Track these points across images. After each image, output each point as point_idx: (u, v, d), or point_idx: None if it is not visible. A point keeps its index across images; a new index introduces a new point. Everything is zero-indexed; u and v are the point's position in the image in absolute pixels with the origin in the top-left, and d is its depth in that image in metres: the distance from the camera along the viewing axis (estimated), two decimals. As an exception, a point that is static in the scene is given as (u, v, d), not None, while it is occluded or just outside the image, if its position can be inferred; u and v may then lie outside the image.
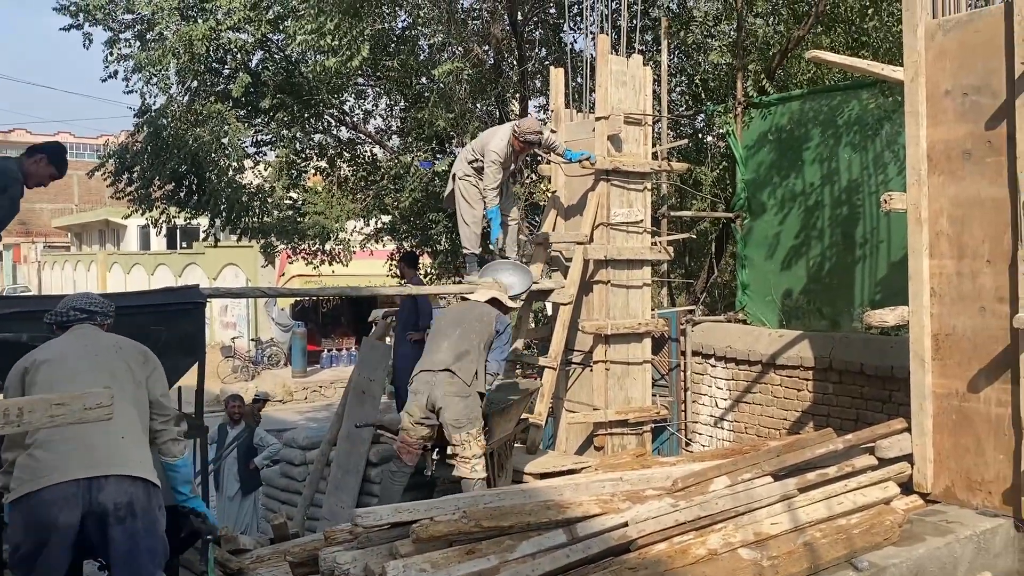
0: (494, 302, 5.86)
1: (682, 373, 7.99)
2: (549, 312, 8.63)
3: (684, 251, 10.50)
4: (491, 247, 7.14)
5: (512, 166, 6.98)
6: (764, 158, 8.13)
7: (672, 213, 8.48)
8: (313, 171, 11.44)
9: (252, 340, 23.02)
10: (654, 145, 7.74)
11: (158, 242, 31.78)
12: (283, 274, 21.69)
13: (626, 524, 4.01)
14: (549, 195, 7.75)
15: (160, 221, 11.02)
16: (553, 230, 7.58)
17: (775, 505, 4.39)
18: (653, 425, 7.59)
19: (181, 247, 31.95)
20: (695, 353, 8.02)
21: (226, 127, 9.17)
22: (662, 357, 7.99)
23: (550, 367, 6.90)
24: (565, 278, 7.17)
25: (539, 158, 7.80)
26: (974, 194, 4.93)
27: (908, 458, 5.19)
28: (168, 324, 4.56)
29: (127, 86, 9.52)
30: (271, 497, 9.32)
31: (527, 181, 9.33)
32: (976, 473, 4.96)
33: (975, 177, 4.93)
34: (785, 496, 4.47)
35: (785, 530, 4.20)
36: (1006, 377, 4.81)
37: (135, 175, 10.21)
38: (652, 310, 7.64)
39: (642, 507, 4.10)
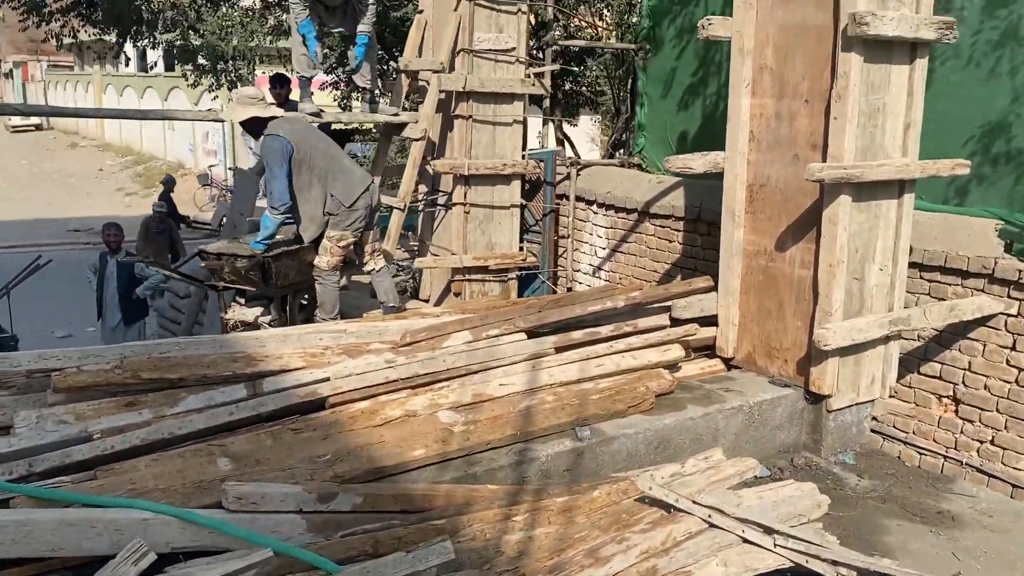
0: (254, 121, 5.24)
1: (557, 219, 7.44)
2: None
3: (617, 83, 9.65)
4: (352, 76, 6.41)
5: None
6: (670, -21, 7.18)
7: (562, 43, 7.65)
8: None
9: (230, 169, 22.64)
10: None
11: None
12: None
13: (328, 379, 3.67)
14: (417, 15, 6.99)
15: (61, 35, 10.40)
16: (420, 56, 6.88)
17: (518, 365, 4.01)
18: (522, 273, 7.17)
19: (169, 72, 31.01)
20: (579, 199, 7.44)
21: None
22: (537, 202, 7.43)
23: (397, 208, 6.43)
24: (429, 111, 6.56)
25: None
26: (800, 20, 4.19)
27: (713, 319, 4.75)
28: None
29: None
30: (164, 328, 9.27)
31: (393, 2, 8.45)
32: (776, 339, 4.51)
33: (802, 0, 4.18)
34: (536, 355, 4.09)
35: (513, 392, 3.83)
36: (812, 235, 4.26)
37: None
38: (524, 150, 7.04)
39: (350, 362, 3.75)
